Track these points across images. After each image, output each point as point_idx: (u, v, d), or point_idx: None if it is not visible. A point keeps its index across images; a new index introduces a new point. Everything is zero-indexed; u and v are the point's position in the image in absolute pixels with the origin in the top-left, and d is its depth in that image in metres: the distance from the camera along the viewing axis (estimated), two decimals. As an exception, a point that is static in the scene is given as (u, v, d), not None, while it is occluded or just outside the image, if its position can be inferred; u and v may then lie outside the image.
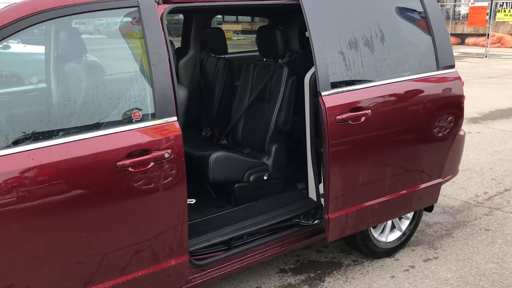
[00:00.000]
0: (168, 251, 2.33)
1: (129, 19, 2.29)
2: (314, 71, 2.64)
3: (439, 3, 20.59)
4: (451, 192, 4.47)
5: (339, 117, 2.62)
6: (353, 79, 2.75)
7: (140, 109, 2.21)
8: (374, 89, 2.81)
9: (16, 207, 1.89)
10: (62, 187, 1.97)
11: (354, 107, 2.69)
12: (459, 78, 3.17)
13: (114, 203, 2.11)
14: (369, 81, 2.81)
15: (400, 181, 3.03)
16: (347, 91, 2.70)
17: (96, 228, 2.10)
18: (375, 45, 2.84)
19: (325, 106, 2.58)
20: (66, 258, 2.07)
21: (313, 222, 2.95)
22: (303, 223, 2.95)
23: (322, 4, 2.69)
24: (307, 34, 2.62)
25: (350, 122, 2.67)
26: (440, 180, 3.27)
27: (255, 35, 3.74)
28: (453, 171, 3.74)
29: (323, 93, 2.60)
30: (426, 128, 3.03)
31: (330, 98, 2.62)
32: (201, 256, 2.65)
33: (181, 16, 4.73)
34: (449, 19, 19.14)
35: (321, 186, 2.93)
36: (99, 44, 2.72)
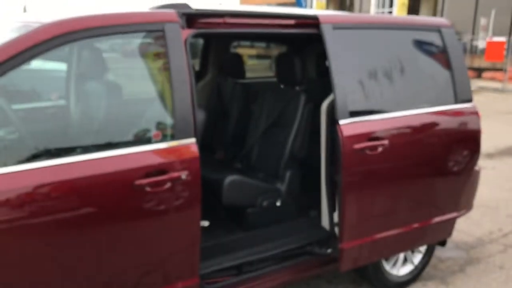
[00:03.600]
0: (179, 273, 2.33)
1: (154, 42, 2.34)
2: (331, 100, 2.66)
3: (456, 37, 20.67)
4: (465, 228, 4.41)
5: (356, 146, 2.63)
6: (371, 109, 2.77)
7: (160, 130, 2.24)
8: (392, 120, 2.82)
9: (34, 221, 1.92)
10: (80, 203, 1.99)
11: (371, 137, 2.70)
12: (476, 113, 3.18)
13: (129, 222, 2.13)
14: (387, 111, 2.83)
15: (415, 213, 3.01)
16: (365, 120, 2.71)
17: (109, 247, 2.11)
18: (394, 76, 2.87)
19: (342, 135, 2.59)
20: (77, 276, 2.08)
21: (327, 251, 2.93)
22: (317, 251, 2.93)
23: (342, 35, 2.73)
24: (327, 63, 2.65)
25: (367, 151, 2.67)
26: (455, 214, 3.24)
27: (269, 60, 3.82)
28: (468, 206, 3.70)
29: (340, 122, 2.61)
30: (442, 161, 3.02)
31: (348, 127, 2.63)
32: (210, 280, 2.63)
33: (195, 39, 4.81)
34: (466, 52, 19.16)
35: (335, 214, 2.92)
36: (122, 65, 2.78)
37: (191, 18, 2.39)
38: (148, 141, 2.22)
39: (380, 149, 2.71)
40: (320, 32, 2.65)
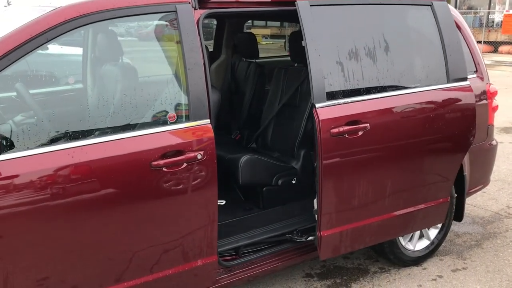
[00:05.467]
0: (198, 250, 2.38)
1: (167, 23, 2.35)
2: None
3: (472, 10, 20.24)
4: (482, 203, 4.40)
5: (334, 130, 2.51)
6: (351, 91, 2.62)
7: (175, 111, 2.27)
8: (375, 102, 2.67)
9: (56, 202, 1.97)
10: (99, 184, 2.04)
11: (351, 120, 2.57)
12: (470, 90, 2.98)
13: (147, 201, 2.17)
14: (370, 93, 2.68)
15: (402, 199, 2.90)
16: (344, 103, 2.57)
17: (128, 226, 2.16)
18: (379, 56, 2.71)
19: (318, 119, 2.47)
20: (99, 254, 2.14)
21: (306, 238, 2.83)
22: (296, 239, 2.83)
23: (321, 12, 2.56)
24: (303, 43, 2.50)
25: (346, 136, 2.55)
26: (447, 199, 3.12)
27: (284, 40, 3.76)
28: (484, 181, 3.69)
29: (317, 105, 2.49)
30: (431, 144, 2.88)
31: (325, 110, 2.51)
32: (228, 257, 2.68)
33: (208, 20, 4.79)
34: (482, 26, 18.77)
35: (315, 201, 2.74)
36: (136, 47, 2.80)
37: (203, -3, 2.39)
38: (164, 122, 2.25)
39: (360, 132, 2.58)
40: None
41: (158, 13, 2.28)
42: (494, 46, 18.56)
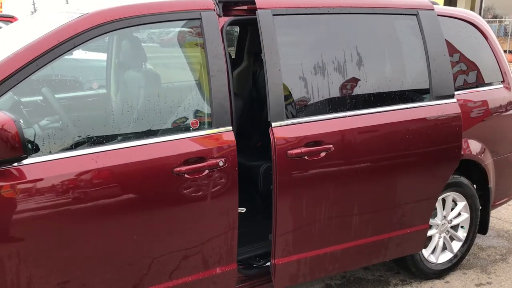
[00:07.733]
0: (217, 258, 2.37)
1: (191, 30, 2.36)
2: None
3: (497, 19, 19.93)
4: (507, 216, 4.30)
5: (291, 151, 2.34)
6: (315, 109, 2.46)
7: (197, 118, 2.27)
8: (340, 121, 2.47)
9: (78, 206, 1.99)
10: (122, 189, 2.05)
11: (311, 141, 2.39)
12: (456, 109, 2.78)
13: (169, 208, 2.17)
14: (337, 111, 2.49)
15: (371, 226, 2.71)
16: (304, 122, 2.40)
17: (149, 232, 2.17)
18: (349, 70, 2.51)
19: (274, 139, 2.33)
20: (119, 259, 2.14)
21: (264, 264, 2.65)
22: (254, 264, 2.64)
23: (285, 22, 2.39)
24: (262, 56, 2.32)
25: (305, 157, 2.38)
26: (426, 225, 2.93)
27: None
28: (510, 194, 3.60)
29: (273, 124, 2.34)
30: (406, 169, 2.70)
31: (283, 129, 2.34)
32: (247, 265, 2.66)
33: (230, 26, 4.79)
34: (508, 35, 18.46)
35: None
36: (160, 53, 2.82)
37: (227, 5, 2.40)
38: (186, 129, 2.25)
39: (322, 154, 2.41)
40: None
41: (182, 20, 2.29)
42: (519, 56, 18.21)
